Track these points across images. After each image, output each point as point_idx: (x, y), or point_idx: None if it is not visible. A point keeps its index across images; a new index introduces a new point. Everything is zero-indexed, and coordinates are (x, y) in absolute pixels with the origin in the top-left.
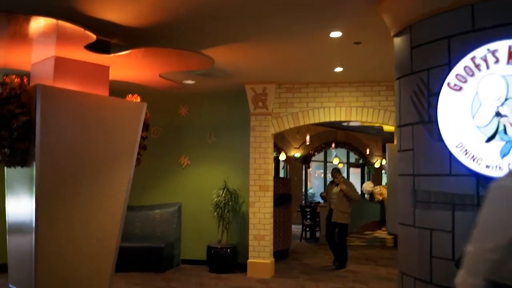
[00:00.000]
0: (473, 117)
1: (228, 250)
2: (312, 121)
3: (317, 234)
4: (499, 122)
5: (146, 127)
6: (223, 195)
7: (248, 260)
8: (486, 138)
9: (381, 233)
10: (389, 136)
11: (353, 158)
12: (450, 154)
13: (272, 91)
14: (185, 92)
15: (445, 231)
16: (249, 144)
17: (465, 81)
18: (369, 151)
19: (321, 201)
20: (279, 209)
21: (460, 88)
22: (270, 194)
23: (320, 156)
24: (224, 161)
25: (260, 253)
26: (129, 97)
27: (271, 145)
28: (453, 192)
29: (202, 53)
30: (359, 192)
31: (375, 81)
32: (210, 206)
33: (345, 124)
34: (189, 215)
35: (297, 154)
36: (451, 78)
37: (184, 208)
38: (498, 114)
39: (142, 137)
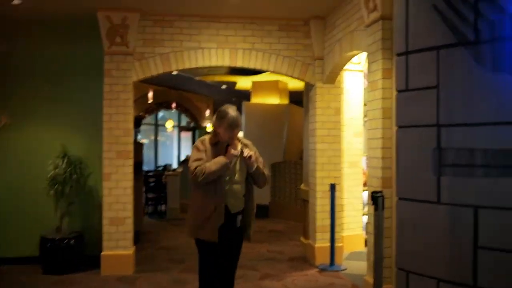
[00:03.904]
0: None
1: (72, 240)
2: (187, 66)
3: (163, 208)
4: None
5: None
6: (63, 166)
7: (103, 253)
8: None
9: None
10: (221, 99)
11: (184, 121)
12: None
13: (134, 22)
14: (3, 19)
15: (504, 208)
16: (101, 95)
17: None
18: (202, 114)
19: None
20: None
21: None
22: (130, 162)
23: (150, 119)
24: (63, 119)
25: (119, 241)
26: None
27: (132, 96)
28: None
29: None
30: None
31: (266, 18)
32: (44, 181)
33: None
34: (10, 195)
35: None
36: None
37: (2, 186)
38: None
39: None
